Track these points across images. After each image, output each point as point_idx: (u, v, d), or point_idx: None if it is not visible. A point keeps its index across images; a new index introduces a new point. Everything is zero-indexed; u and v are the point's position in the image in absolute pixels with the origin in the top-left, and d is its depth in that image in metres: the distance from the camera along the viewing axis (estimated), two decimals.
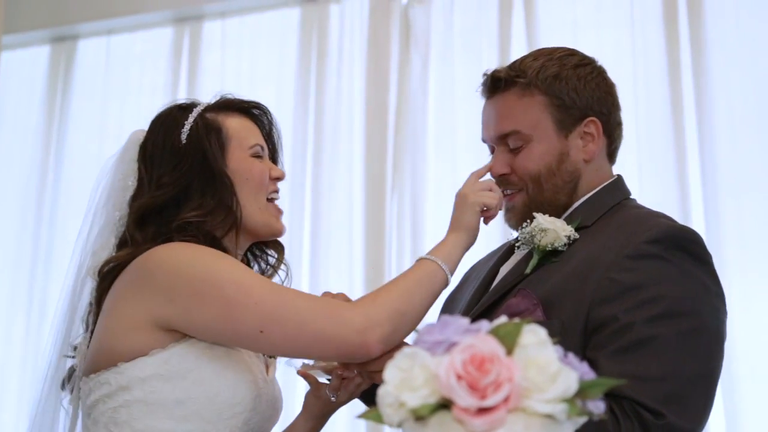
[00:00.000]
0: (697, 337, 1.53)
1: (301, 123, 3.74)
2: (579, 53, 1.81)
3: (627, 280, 1.54)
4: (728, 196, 3.12)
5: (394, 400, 0.89)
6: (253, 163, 1.75)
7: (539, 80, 1.72)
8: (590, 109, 1.74)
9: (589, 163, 1.75)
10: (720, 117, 3.19)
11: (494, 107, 1.78)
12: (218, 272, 1.57)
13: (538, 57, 1.77)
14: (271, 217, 1.77)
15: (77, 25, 4.16)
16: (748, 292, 3.03)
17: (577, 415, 0.88)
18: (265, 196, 1.76)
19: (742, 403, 2.96)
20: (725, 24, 3.25)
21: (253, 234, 1.75)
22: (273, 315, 1.54)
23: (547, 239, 1.66)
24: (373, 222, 3.54)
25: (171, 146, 1.71)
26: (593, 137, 1.74)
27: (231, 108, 1.79)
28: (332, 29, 3.78)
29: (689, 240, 1.62)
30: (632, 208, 1.75)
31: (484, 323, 0.93)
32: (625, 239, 1.59)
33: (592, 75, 1.77)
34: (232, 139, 1.73)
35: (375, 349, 1.55)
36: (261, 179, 1.75)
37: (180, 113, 1.75)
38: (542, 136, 1.72)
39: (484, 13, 3.58)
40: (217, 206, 1.68)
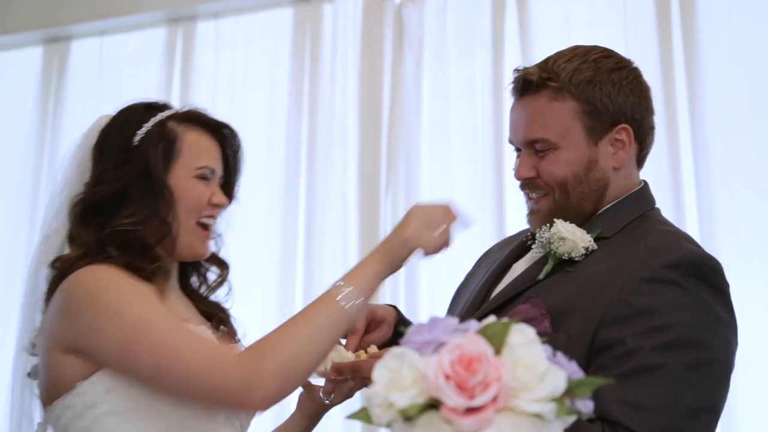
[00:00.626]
0: (704, 369, 1.49)
1: (294, 123, 3.74)
2: (615, 55, 1.74)
3: (640, 304, 1.50)
4: (722, 194, 3.12)
5: (383, 401, 0.89)
6: (194, 183, 1.71)
7: (572, 85, 1.65)
8: (623, 115, 1.67)
9: (619, 171, 1.69)
10: (713, 116, 3.19)
11: (524, 110, 1.71)
12: (123, 308, 1.54)
13: (573, 58, 1.69)
14: (195, 239, 1.72)
15: (70, 26, 4.15)
16: (742, 291, 3.00)
17: (565, 414, 0.88)
18: (196, 219, 1.72)
19: (737, 403, 2.96)
20: (718, 23, 3.26)
21: (176, 253, 1.72)
22: (164, 361, 1.51)
23: (565, 248, 1.61)
24: (368, 222, 3.54)
25: (123, 143, 1.69)
26: (624, 144, 1.68)
27: (198, 122, 1.76)
28: (325, 29, 3.78)
29: (708, 268, 1.57)
30: (655, 224, 1.69)
31: (472, 323, 0.93)
32: (643, 260, 1.54)
33: (628, 80, 1.69)
34: (182, 155, 1.70)
35: (258, 406, 1.52)
36: (196, 202, 1.70)
37: (144, 113, 1.73)
38: (571, 144, 1.66)
39: (477, 12, 3.58)
40: (152, 216, 1.66)
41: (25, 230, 4.01)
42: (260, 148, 3.80)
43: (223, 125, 1.80)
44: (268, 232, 3.70)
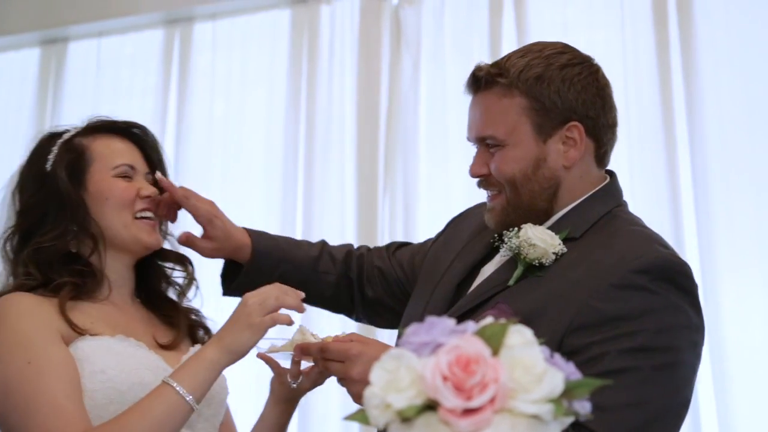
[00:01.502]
0: (671, 372, 1.49)
1: (292, 124, 3.74)
2: (571, 51, 1.71)
3: (610, 311, 1.49)
4: (719, 195, 3.12)
5: (381, 402, 0.89)
6: (115, 182, 1.76)
7: (520, 81, 1.63)
8: (573, 112, 1.64)
9: (570, 170, 1.66)
10: (710, 117, 3.19)
11: (476, 106, 1.70)
12: (4, 357, 1.58)
13: (526, 54, 1.67)
14: (139, 231, 1.76)
15: (67, 28, 4.15)
16: (739, 291, 3.04)
17: (563, 415, 0.88)
18: (132, 214, 1.76)
19: (734, 402, 2.97)
20: (715, 24, 3.26)
21: (126, 250, 1.77)
22: (17, 427, 1.54)
23: (535, 254, 1.59)
24: (365, 223, 3.54)
25: (37, 174, 1.77)
26: (575, 142, 1.65)
27: (101, 130, 1.82)
28: (323, 30, 3.78)
29: (677, 272, 1.55)
30: (625, 223, 1.66)
31: (470, 324, 0.93)
32: (613, 265, 1.53)
33: (581, 76, 1.66)
34: (95, 161, 1.76)
35: None
36: (123, 198, 1.75)
37: (50, 140, 1.80)
38: (518, 141, 1.64)
39: (474, 13, 3.58)
40: (72, 228, 1.71)
41: None
42: (258, 149, 3.81)
43: (130, 124, 1.85)
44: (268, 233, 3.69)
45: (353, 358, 1.55)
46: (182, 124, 3.91)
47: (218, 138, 3.88)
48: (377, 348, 1.57)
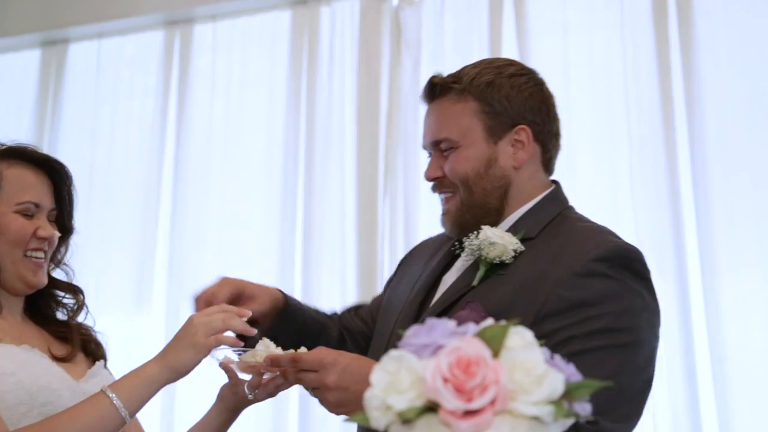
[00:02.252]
0: (633, 351, 1.59)
1: (292, 125, 3.74)
2: (519, 64, 1.87)
3: (574, 297, 1.59)
4: (719, 194, 3.12)
5: (381, 403, 0.89)
6: (14, 218, 1.74)
7: (473, 86, 1.77)
8: (522, 117, 1.77)
9: (519, 171, 1.78)
10: (710, 116, 3.19)
11: (431, 113, 1.83)
12: None
13: (478, 65, 1.82)
14: (25, 270, 1.75)
15: (68, 29, 4.15)
16: (739, 291, 3.04)
17: (563, 417, 0.88)
18: (22, 252, 1.75)
19: (734, 403, 2.97)
20: (714, 24, 3.26)
21: (10, 289, 1.76)
22: None
23: (495, 252, 1.69)
24: (366, 224, 3.54)
25: None
26: (523, 145, 1.77)
27: (23, 158, 1.79)
28: (323, 31, 3.78)
29: (632, 258, 1.66)
30: (576, 221, 1.78)
31: (471, 326, 0.93)
32: (573, 256, 1.63)
33: (528, 85, 1.80)
34: (2, 190, 1.74)
35: None
36: (17, 236, 1.73)
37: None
38: (471, 142, 1.76)
39: (474, 14, 3.58)
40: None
41: None
42: (258, 151, 3.81)
43: (49, 160, 1.83)
44: (266, 234, 3.70)
45: (328, 366, 1.59)
46: (182, 125, 3.92)
47: (218, 139, 3.88)
48: (350, 357, 1.63)
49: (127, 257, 3.79)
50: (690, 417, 3.00)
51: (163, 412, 3.56)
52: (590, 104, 3.39)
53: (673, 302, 3.08)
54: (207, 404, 1.85)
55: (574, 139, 3.36)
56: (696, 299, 3.07)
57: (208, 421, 1.82)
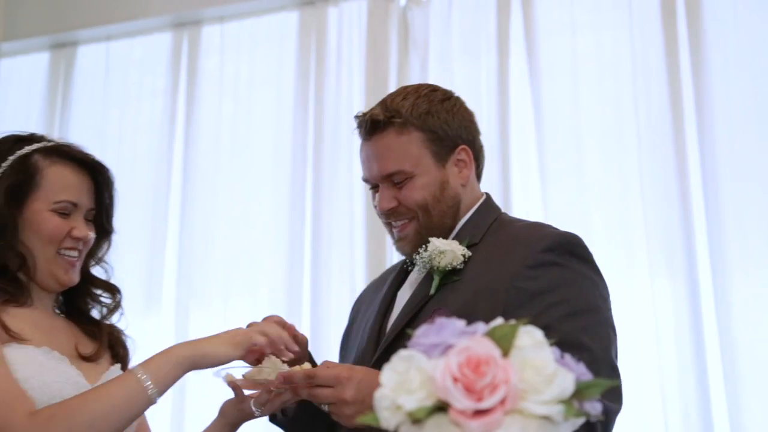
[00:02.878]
0: (601, 328, 1.70)
1: (300, 126, 3.75)
2: (440, 88, 1.94)
3: (531, 288, 1.69)
4: (729, 193, 3.11)
5: (391, 403, 0.89)
6: (48, 217, 1.74)
7: (413, 117, 1.84)
8: (460, 138, 1.88)
9: (466, 187, 1.89)
10: (719, 115, 3.18)
11: (374, 148, 1.88)
12: None
13: (406, 96, 1.88)
14: (57, 268, 1.76)
15: (76, 32, 4.17)
16: (749, 288, 3.03)
17: (574, 416, 0.88)
18: (56, 250, 1.75)
19: (745, 401, 2.96)
20: (723, 23, 3.25)
21: (42, 285, 1.76)
22: None
23: (446, 260, 1.77)
24: (374, 224, 3.53)
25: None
26: (466, 163, 1.88)
27: (66, 156, 1.79)
28: (330, 32, 3.78)
29: (574, 244, 1.77)
30: (514, 222, 1.91)
31: (480, 325, 0.93)
32: (522, 251, 1.74)
33: (456, 107, 1.90)
34: (41, 188, 1.74)
35: None
36: (51, 235, 1.74)
37: (13, 145, 1.78)
38: (424, 171, 1.84)
39: (482, 14, 3.58)
40: (1, 244, 1.71)
41: None
42: (266, 151, 3.81)
43: (91, 161, 1.82)
44: (275, 234, 3.70)
45: (344, 381, 1.61)
46: (191, 126, 3.92)
47: (227, 140, 3.88)
48: (362, 370, 1.65)
49: (137, 258, 3.80)
50: (701, 417, 2.99)
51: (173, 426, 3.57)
52: (599, 104, 3.39)
53: (683, 302, 3.07)
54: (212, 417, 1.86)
55: (582, 139, 3.36)
56: (706, 299, 3.06)
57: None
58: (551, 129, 3.40)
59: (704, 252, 3.10)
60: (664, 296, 3.11)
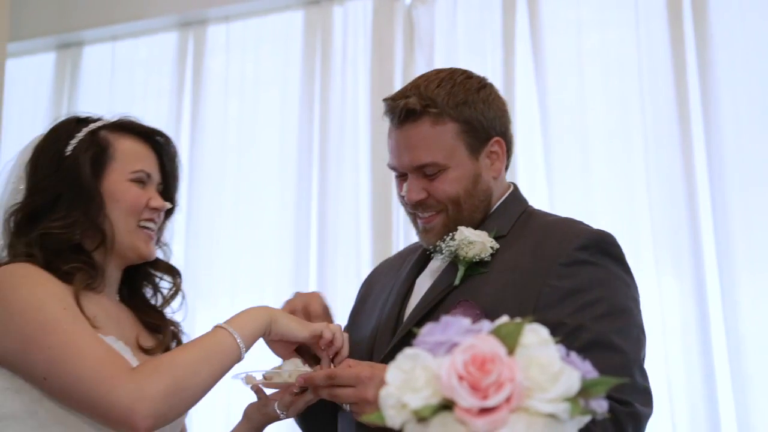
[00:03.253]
0: (632, 330, 1.67)
1: (306, 125, 3.75)
2: (474, 74, 1.85)
3: (565, 286, 1.65)
4: (736, 192, 3.10)
5: (396, 402, 0.89)
6: (128, 187, 1.74)
7: (450, 108, 1.76)
8: (494, 129, 1.80)
9: (497, 180, 1.83)
10: (726, 113, 3.17)
11: (407, 137, 1.79)
12: (28, 306, 1.56)
13: (442, 83, 1.79)
14: (138, 240, 1.75)
15: (82, 32, 4.18)
16: (756, 287, 3.02)
17: (579, 414, 0.88)
18: (137, 222, 1.75)
19: (753, 399, 2.95)
20: (730, 21, 3.24)
21: (121, 255, 1.75)
22: (57, 366, 1.51)
23: (474, 251, 1.71)
24: (380, 223, 3.53)
25: (55, 155, 1.73)
26: (498, 155, 1.81)
27: (130, 131, 1.80)
28: (336, 31, 3.78)
29: (609, 243, 1.73)
30: (544, 216, 1.86)
31: (485, 323, 0.93)
32: (555, 247, 1.69)
33: (492, 96, 1.82)
34: (115, 160, 1.74)
35: (141, 425, 1.50)
36: (133, 204, 1.74)
37: (76, 125, 1.77)
38: (458, 163, 1.77)
39: (487, 12, 3.57)
40: (83, 220, 1.69)
41: None
42: (272, 151, 3.82)
43: (157, 132, 1.83)
44: (281, 234, 3.70)
45: (366, 381, 1.58)
46: (196, 126, 3.93)
47: (232, 140, 3.89)
48: (382, 368, 1.59)
49: None
50: (708, 415, 2.98)
51: None
52: (605, 102, 3.38)
53: (690, 300, 3.07)
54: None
55: (588, 137, 3.36)
56: (713, 297, 3.06)
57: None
58: (557, 127, 3.39)
59: (711, 250, 3.09)
60: (671, 295, 3.11)
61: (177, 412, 1.57)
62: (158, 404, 1.50)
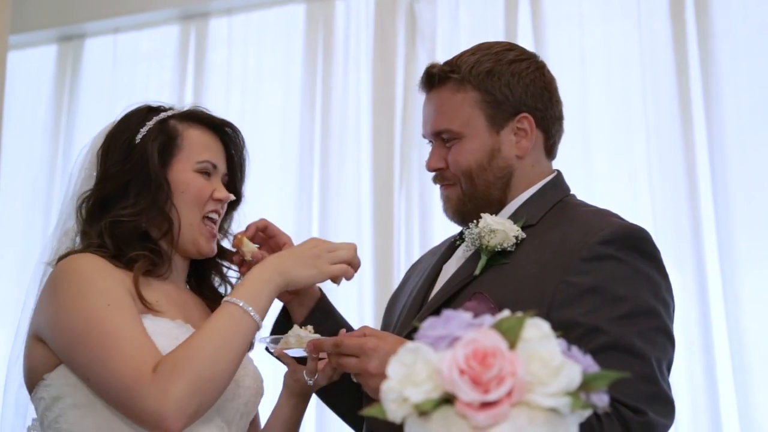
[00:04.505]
0: (658, 334, 1.57)
1: (308, 119, 3.74)
2: (519, 48, 1.82)
3: (584, 283, 1.56)
4: (737, 186, 3.10)
5: (398, 396, 0.89)
6: (194, 177, 1.74)
7: (472, 76, 1.72)
8: (523, 104, 1.74)
9: (523, 159, 1.75)
10: (728, 109, 3.17)
11: (431, 103, 1.78)
12: (79, 301, 1.57)
13: (476, 52, 1.77)
14: (199, 235, 1.75)
15: (84, 24, 4.17)
16: (758, 282, 3.02)
17: (581, 408, 0.88)
18: (201, 214, 1.75)
19: (755, 396, 2.95)
20: (732, 15, 3.24)
21: (182, 249, 1.75)
22: (96, 365, 1.53)
23: (496, 240, 1.65)
24: (382, 218, 3.53)
25: (126, 142, 1.74)
26: (526, 133, 1.74)
27: (200, 121, 1.80)
28: (338, 25, 3.78)
29: (639, 238, 1.63)
30: (578, 206, 1.75)
31: (487, 318, 0.93)
32: (578, 241, 1.60)
33: (528, 70, 1.76)
34: (183, 150, 1.75)
35: (175, 426, 1.49)
36: (197, 195, 1.74)
37: (146, 113, 1.78)
38: (473, 133, 1.73)
39: (490, 7, 3.57)
40: (150, 208, 1.70)
41: (39, 227, 4.03)
42: (273, 145, 3.81)
43: (225, 123, 1.83)
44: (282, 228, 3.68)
45: (369, 352, 1.55)
46: None
47: None
48: (392, 341, 1.58)
49: None
50: (710, 410, 2.98)
51: None
52: (607, 96, 3.38)
53: (692, 295, 3.07)
54: None
55: (591, 132, 3.35)
56: (715, 292, 3.06)
57: (280, 408, 1.82)
58: None
59: (713, 245, 3.09)
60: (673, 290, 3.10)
61: (207, 404, 1.55)
62: (184, 404, 1.49)
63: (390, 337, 1.62)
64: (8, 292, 3.96)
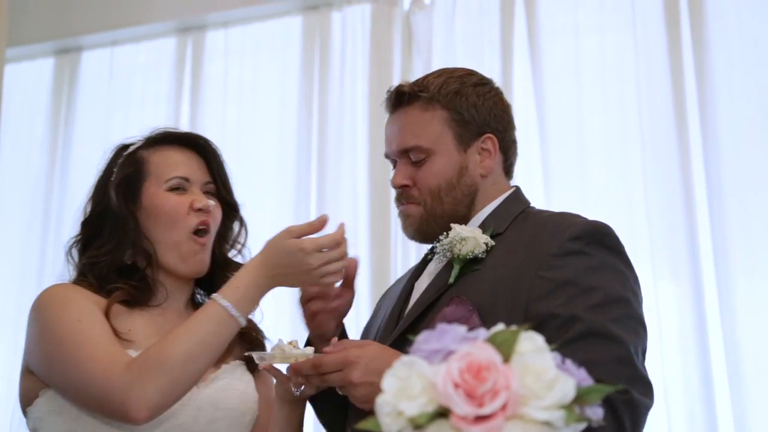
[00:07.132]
0: (631, 320, 1.61)
1: (305, 130, 3.75)
2: (478, 74, 1.88)
3: (557, 277, 1.61)
4: (733, 196, 3.11)
5: (392, 409, 0.89)
6: (166, 197, 1.75)
7: (441, 95, 1.79)
8: (487, 125, 1.81)
9: (486, 178, 1.82)
10: (723, 118, 3.18)
11: (397, 121, 1.83)
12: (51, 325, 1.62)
13: (441, 74, 1.84)
14: (188, 253, 1.76)
15: (81, 37, 4.18)
16: (753, 292, 3.02)
17: (575, 421, 0.88)
18: (187, 231, 1.75)
19: (750, 403, 2.95)
20: (727, 25, 3.25)
21: (171, 273, 1.77)
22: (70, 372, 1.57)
23: (468, 247, 1.70)
24: (378, 229, 3.54)
25: (100, 186, 1.79)
26: (490, 153, 1.81)
27: (166, 141, 1.81)
28: (334, 37, 3.79)
29: (605, 234, 1.69)
30: (541, 212, 1.82)
31: (481, 331, 0.93)
32: (547, 240, 1.66)
33: (491, 94, 1.84)
34: (150, 175, 1.76)
35: (140, 415, 1.52)
36: (172, 214, 1.74)
37: (117, 153, 1.81)
38: (443, 150, 1.78)
39: (485, 18, 3.58)
40: (124, 242, 1.73)
41: (37, 240, 4.03)
42: (271, 156, 3.82)
43: (191, 136, 1.85)
44: None
45: (351, 364, 1.57)
46: (195, 131, 3.90)
47: (231, 145, 3.88)
48: (374, 349, 1.61)
49: None
50: (706, 418, 2.98)
51: None
52: (602, 106, 3.39)
53: (687, 303, 3.07)
54: None
55: (586, 141, 3.36)
56: (711, 300, 3.06)
57: (275, 415, 1.82)
58: (555, 132, 3.40)
59: (708, 254, 3.09)
60: (668, 299, 3.11)
61: (174, 399, 1.58)
62: (149, 397, 1.53)
63: (371, 345, 1.64)
64: (5, 306, 3.96)
